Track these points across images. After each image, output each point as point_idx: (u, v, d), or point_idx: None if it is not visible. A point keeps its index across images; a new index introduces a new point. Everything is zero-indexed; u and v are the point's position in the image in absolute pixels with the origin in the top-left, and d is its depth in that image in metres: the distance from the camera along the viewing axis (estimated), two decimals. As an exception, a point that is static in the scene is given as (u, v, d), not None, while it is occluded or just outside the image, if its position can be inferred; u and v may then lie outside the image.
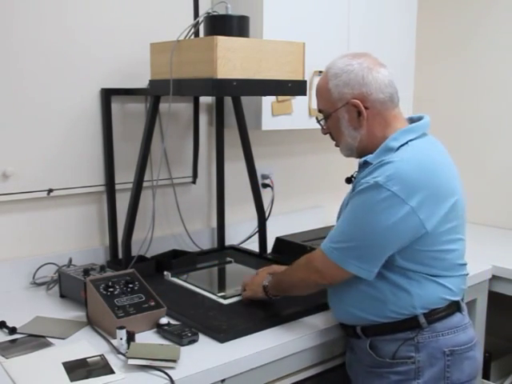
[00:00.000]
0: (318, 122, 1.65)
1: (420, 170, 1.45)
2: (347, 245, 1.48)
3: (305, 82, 1.97)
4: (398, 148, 1.50)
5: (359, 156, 1.60)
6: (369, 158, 1.53)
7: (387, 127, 1.55)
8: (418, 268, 1.49)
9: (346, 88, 1.53)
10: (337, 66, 1.56)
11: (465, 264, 1.60)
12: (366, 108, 1.53)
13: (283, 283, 1.69)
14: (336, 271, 1.51)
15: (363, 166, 1.56)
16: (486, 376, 2.48)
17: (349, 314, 1.59)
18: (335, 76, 1.55)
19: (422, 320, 1.51)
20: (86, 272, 1.83)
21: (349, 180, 1.66)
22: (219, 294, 1.86)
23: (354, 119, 1.55)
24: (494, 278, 2.32)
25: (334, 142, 1.66)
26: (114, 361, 1.46)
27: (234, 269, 2.20)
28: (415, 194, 1.42)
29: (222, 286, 2.11)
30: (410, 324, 1.51)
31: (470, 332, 1.58)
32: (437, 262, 1.50)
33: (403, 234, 1.44)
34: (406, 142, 1.51)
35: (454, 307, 1.56)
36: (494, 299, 2.38)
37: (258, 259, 2.26)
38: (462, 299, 1.60)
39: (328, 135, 1.66)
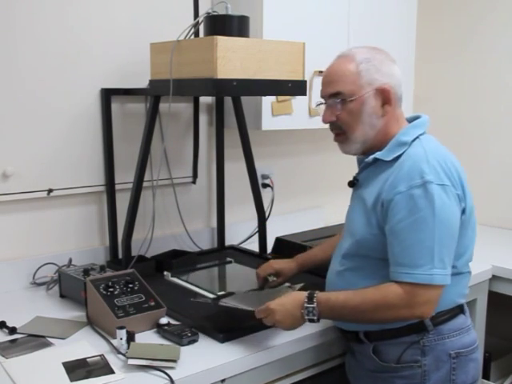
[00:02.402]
0: (326, 103, 1.53)
1: (448, 160, 1.46)
2: (429, 256, 1.36)
3: (305, 82, 1.96)
4: (411, 142, 1.48)
5: (364, 152, 1.54)
6: (378, 154, 1.49)
7: (397, 124, 1.53)
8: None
9: (377, 74, 1.49)
10: (363, 53, 1.51)
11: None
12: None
13: (352, 319, 1.50)
14: (426, 294, 1.37)
15: (372, 164, 1.52)
16: (486, 376, 2.48)
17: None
18: (367, 60, 1.49)
19: (428, 323, 1.47)
20: (86, 272, 1.83)
21: (352, 183, 1.60)
22: (219, 294, 1.86)
23: (378, 107, 1.50)
24: (494, 278, 2.31)
25: (333, 137, 1.57)
26: (113, 361, 1.46)
27: (233, 269, 2.20)
28: (456, 181, 1.43)
29: (222, 285, 2.10)
30: (416, 327, 1.47)
31: (473, 334, 1.57)
32: (456, 259, 1.46)
33: (458, 223, 1.43)
34: (417, 137, 1.49)
35: (458, 309, 1.54)
36: (494, 299, 2.38)
37: (257, 259, 2.26)
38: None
39: (328, 125, 1.56)
